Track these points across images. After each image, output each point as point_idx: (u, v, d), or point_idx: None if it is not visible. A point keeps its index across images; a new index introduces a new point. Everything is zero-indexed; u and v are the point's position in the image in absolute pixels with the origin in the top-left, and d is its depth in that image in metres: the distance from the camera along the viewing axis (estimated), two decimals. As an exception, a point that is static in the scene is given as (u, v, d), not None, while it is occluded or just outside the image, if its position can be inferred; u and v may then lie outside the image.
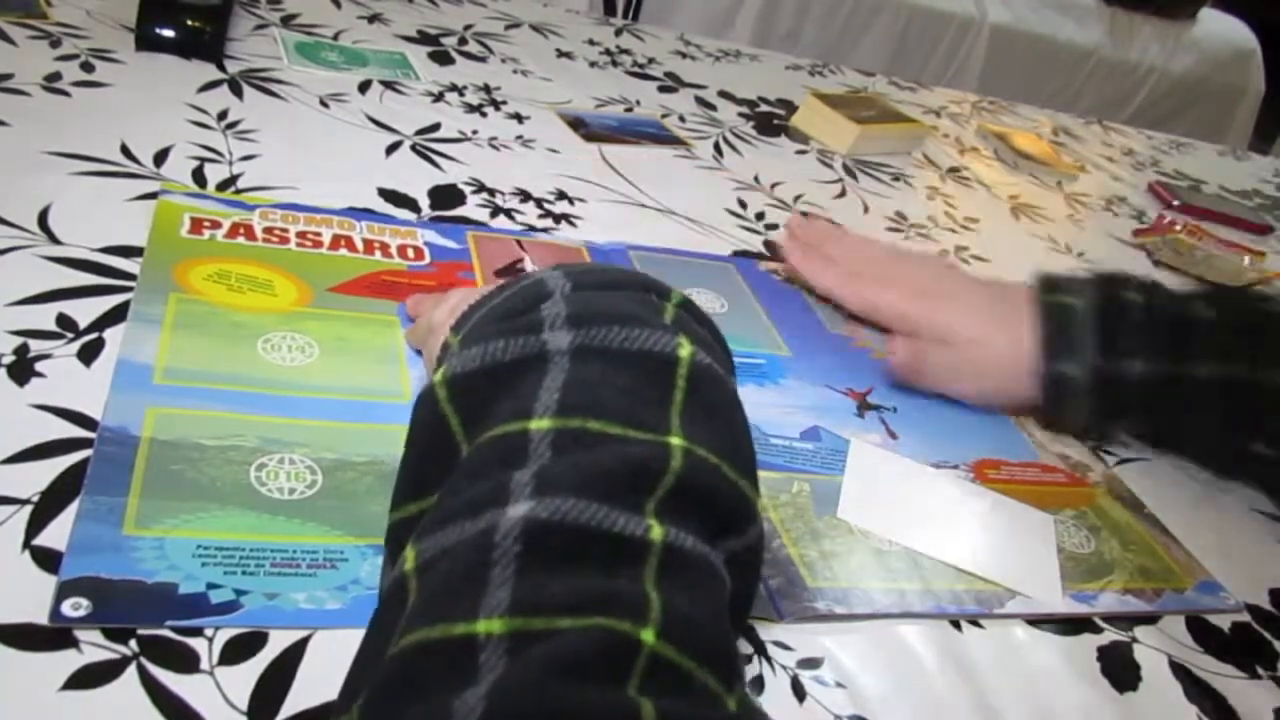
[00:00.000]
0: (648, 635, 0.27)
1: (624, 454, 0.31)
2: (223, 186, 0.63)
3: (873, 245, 0.72)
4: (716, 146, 0.94)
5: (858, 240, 0.72)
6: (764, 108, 1.10)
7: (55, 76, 0.70)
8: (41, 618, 0.33)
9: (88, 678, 0.32)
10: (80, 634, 0.33)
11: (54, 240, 0.53)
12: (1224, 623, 0.51)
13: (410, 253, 0.61)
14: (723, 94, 1.10)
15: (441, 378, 0.35)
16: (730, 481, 0.34)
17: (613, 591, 0.28)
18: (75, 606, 0.34)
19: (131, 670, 0.33)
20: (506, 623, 0.27)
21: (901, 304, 0.63)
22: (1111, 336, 0.57)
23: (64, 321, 0.47)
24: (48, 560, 0.35)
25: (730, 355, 0.40)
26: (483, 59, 0.99)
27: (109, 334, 0.47)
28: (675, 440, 0.33)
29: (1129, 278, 0.61)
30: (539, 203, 0.73)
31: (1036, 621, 0.47)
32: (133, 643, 0.34)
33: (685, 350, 0.35)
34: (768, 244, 0.76)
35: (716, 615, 0.31)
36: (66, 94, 0.69)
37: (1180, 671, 0.47)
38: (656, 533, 0.30)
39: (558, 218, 0.71)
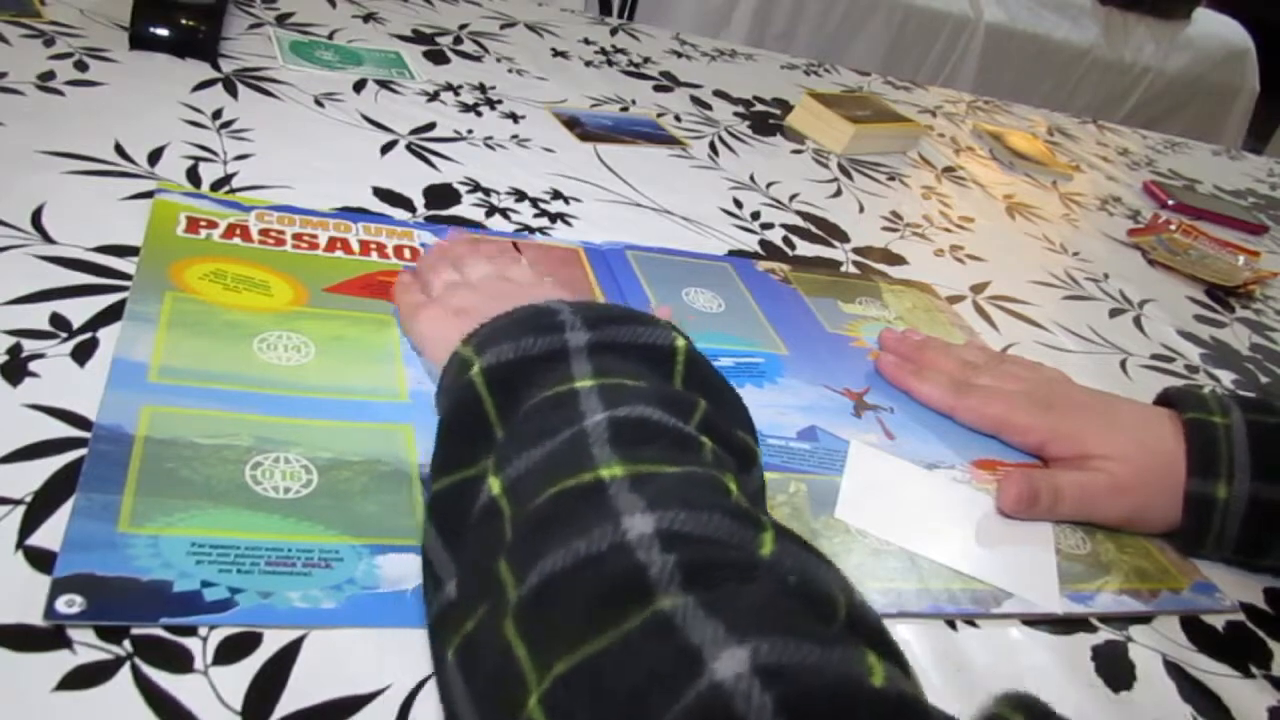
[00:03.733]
0: (731, 484, 0.35)
1: (661, 391, 0.39)
2: (217, 186, 0.63)
3: (974, 352, 0.65)
4: (712, 146, 0.94)
5: (958, 348, 0.66)
6: (759, 107, 1.10)
7: (49, 75, 0.70)
8: (34, 618, 0.33)
9: (81, 678, 0.32)
10: (74, 634, 0.33)
11: (47, 240, 0.53)
12: (1218, 622, 0.51)
13: (407, 253, 0.61)
14: (718, 93, 1.10)
15: (478, 369, 0.40)
16: (737, 434, 0.41)
17: (691, 457, 0.36)
18: (70, 603, 0.34)
19: (125, 670, 0.33)
20: (624, 468, 0.33)
21: (1024, 417, 0.58)
22: (1267, 459, 0.53)
23: (58, 321, 0.47)
24: (41, 560, 0.35)
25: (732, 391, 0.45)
26: (478, 58, 0.99)
27: (102, 334, 0.47)
28: (693, 396, 0.40)
29: (1269, 401, 0.56)
30: (534, 202, 0.73)
31: (1032, 621, 0.47)
32: (126, 643, 0.34)
33: (680, 342, 0.43)
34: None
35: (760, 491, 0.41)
36: (60, 93, 0.69)
37: (1175, 671, 0.47)
38: (705, 440, 0.37)
39: (553, 217, 0.71)
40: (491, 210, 0.70)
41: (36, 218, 0.54)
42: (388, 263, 0.59)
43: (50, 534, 0.36)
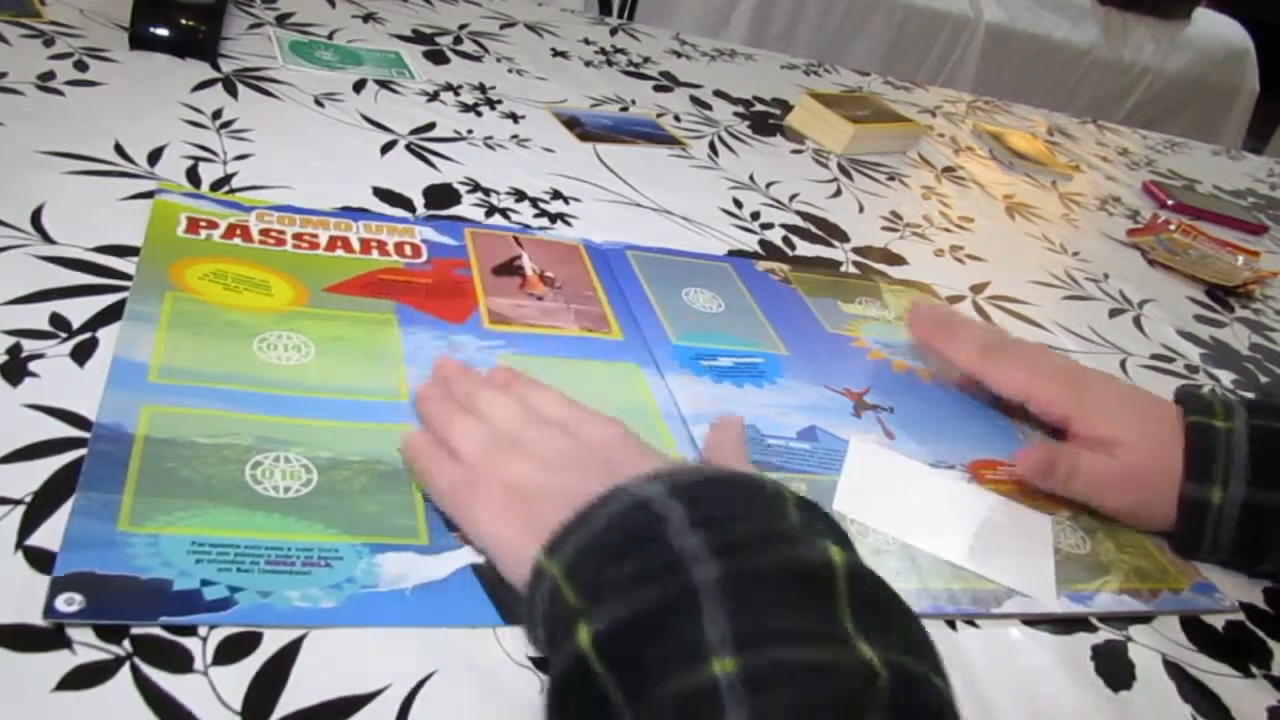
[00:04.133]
0: None
1: (829, 681, 0.30)
2: (217, 186, 0.63)
3: (996, 330, 0.67)
4: (712, 146, 0.94)
5: (982, 323, 0.67)
6: (759, 107, 1.10)
7: (49, 75, 0.70)
8: (34, 618, 0.33)
9: (81, 678, 0.32)
10: (73, 634, 0.33)
11: (47, 240, 0.53)
12: (1218, 622, 0.51)
13: (408, 250, 0.61)
14: (718, 93, 1.10)
15: (588, 639, 0.33)
16: (935, 685, 0.32)
17: None
18: (69, 602, 0.34)
19: (125, 670, 0.33)
20: None
21: (1050, 388, 0.58)
22: (1265, 467, 0.52)
23: (57, 321, 0.47)
24: (40, 560, 0.35)
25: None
26: (478, 58, 0.99)
27: (102, 334, 0.47)
28: (865, 650, 0.31)
29: (1277, 406, 0.56)
30: (534, 202, 0.73)
31: (1032, 621, 0.47)
32: (126, 643, 0.34)
33: (837, 556, 0.34)
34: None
35: None
36: (60, 93, 0.69)
37: (1174, 670, 0.47)
38: None
39: (553, 217, 0.71)
40: (491, 210, 0.70)
41: (36, 218, 0.54)
42: (389, 260, 0.59)
43: (50, 534, 0.36)
